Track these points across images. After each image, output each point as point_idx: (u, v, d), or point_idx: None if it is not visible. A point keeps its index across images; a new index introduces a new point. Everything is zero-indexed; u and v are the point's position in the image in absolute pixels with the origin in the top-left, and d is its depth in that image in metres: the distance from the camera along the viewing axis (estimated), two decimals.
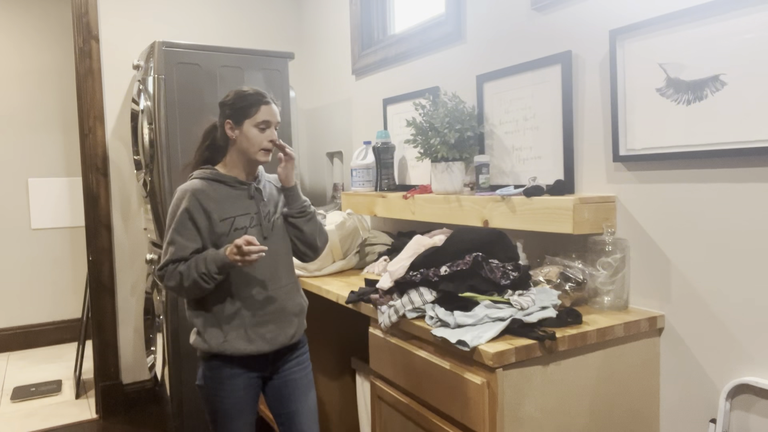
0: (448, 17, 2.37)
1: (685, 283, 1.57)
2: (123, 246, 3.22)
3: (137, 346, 3.28)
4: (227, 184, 1.71)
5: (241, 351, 1.67)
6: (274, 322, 1.72)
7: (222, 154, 1.76)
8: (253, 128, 1.67)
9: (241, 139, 1.68)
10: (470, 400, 1.41)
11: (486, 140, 2.19)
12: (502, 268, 1.62)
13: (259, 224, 1.72)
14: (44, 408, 3.34)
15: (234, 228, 1.68)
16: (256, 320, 1.70)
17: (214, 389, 1.70)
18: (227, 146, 1.74)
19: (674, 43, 1.53)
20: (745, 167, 1.41)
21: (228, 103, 1.69)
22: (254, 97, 1.68)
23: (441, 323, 1.53)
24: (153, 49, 2.64)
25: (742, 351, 1.45)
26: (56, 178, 4.59)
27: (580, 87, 1.82)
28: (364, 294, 1.88)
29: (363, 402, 2.26)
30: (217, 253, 1.61)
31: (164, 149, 2.61)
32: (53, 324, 4.60)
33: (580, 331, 1.47)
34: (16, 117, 4.46)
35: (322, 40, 3.49)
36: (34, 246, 4.53)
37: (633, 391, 1.58)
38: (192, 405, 2.70)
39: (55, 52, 4.54)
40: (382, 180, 2.63)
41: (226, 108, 1.70)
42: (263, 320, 1.71)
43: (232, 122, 1.68)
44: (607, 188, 1.76)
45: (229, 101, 1.70)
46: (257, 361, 1.73)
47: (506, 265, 1.64)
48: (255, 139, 1.68)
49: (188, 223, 1.65)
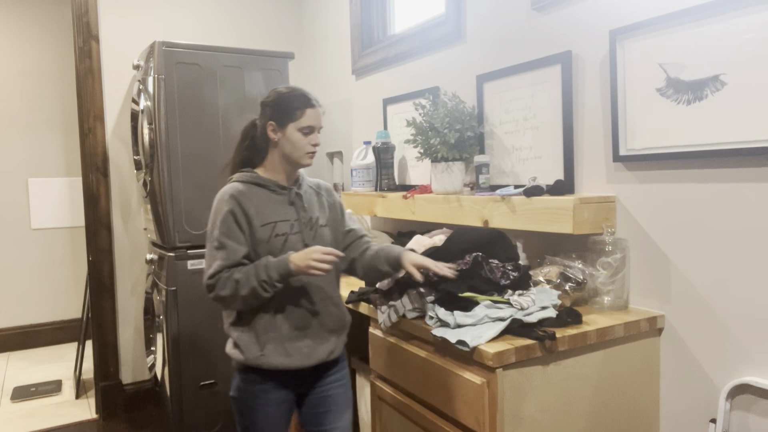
0: (448, 17, 2.37)
1: (685, 283, 1.57)
2: (123, 246, 3.22)
3: (137, 346, 3.28)
4: (268, 188, 1.62)
5: (277, 365, 1.58)
6: (312, 337, 1.62)
7: (262, 155, 1.67)
8: (297, 132, 1.59)
9: (284, 143, 1.60)
10: (470, 400, 1.41)
11: (486, 140, 2.19)
12: (502, 268, 1.63)
13: (300, 231, 1.62)
14: (44, 408, 3.33)
15: (275, 234, 1.59)
16: (295, 333, 1.60)
17: (248, 402, 1.62)
18: (267, 147, 1.65)
19: (674, 43, 1.53)
20: (746, 167, 1.41)
21: (271, 103, 1.61)
22: (300, 99, 1.60)
23: (441, 323, 1.53)
24: (153, 49, 2.64)
25: (742, 351, 1.44)
26: (56, 178, 4.59)
27: (580, 87, 1.82)
28: (364, 294, 1.88)
29: (363, 402, 2.26)
30: (280, 259, 1.53)
31: (164, 149, 2.61)
32: (53, 324, 4.59)
33: (580, 331, 1.47)
34: (16, 117, 4.45)
35: (322, 40, 3.49)
36: (34, 246, 4.53)
37: (633, 391, 1.58)
38: (192, 405, 2.70)
39: (55, 52, 4.54)
40: (382, 180, 2.64)
41: (268, 108, 1.61)
42: (302, 334, 1.61)
43: (275, 124, 1.60)
44: (607, 188, 1.76)
45: (271, 102, 1.61)
46: (294, 375, 1.63)
47: (506, 265, 1.65)
48: (299, 143, 1.60)
49: (234, 226, 1.55)
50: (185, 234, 2.66)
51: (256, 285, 1.50)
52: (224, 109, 2.75)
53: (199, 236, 2.70)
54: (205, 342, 2.72)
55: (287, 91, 1.62)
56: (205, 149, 2.71)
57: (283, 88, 1.64)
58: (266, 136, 1.63)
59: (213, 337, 2.73)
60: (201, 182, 2.69)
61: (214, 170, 2.72)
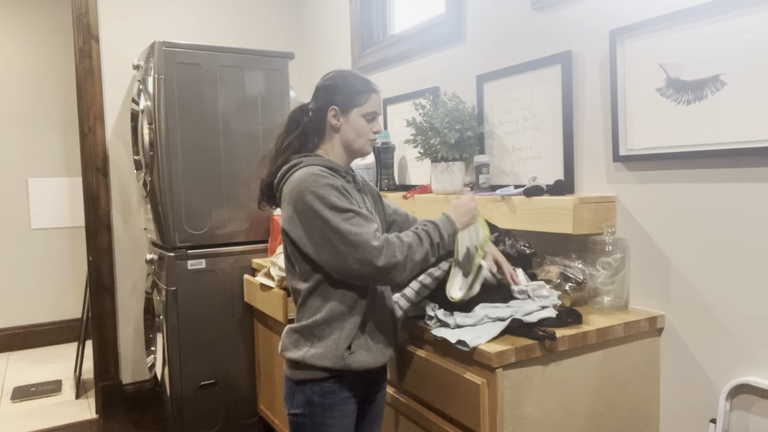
0: (448, 17, 2.37)
1: (685, 283, 1.57)
2: (123, 246, 3.22)
3: (137, 346, 3.28)
4: (340, 174, 1.48)
5: (366, 365, 1.44)
6: (384, 331, 1.51)
7: (313, 144, 1.54)
8: (361, 118, 1.50)
9: (346, 128, 1.50)
10: (470, 400, 1.41)
11: (486, 140, 2.19)
12: (517, 245, 1.70)
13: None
14: (44, 408, 3.33)
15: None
16: (372, 327, 1.48)
17: (322, 417, 1.43)
18: (323, 135, 1.53)
19: (674, 43, 1.53)
20: (745, 167, 1.41)
21: (332, 87, 1.50)
22: (365, 83, 1.51)
23: (441, 323, 1.53)
24: (153, 49, 2.64)
25: (742, 351, 1.44)
26: (56, 178, 4.59)
27: (580, 87, 1.82)
28: None
29: None
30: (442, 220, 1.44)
31: (164, 149, 2.61)
32: (53, 324, 4.60)
33: (580, 331, 1.47)
34: (16, 117, 4.46)
35: (322, 40, 3.49)
36: (34, 246, 4.53)
37: (633, 391, 1.58)
38: (192, 405, 2.70)
39: (55, 52, 4.54)
40: (382, 180, 2.64)
41: (330, 92, 1.50)
42: (378, 328, 1.49)
43: (338, 109, 1.49)
44: (607, 188, 1.76)
45: (332, 85, 1.50)
46: (368, 381, 1.53)
47: (520, 242, 1.71)
48: (363, 129, 1.51)
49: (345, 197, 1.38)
50: (185, 234, 2.66)
51: (429, 249, 1.39)
52: (224, 109, 2.75)
53: (199, 236, 2.70)
54: (205, 342, 2.72)
55: (350, 75, 1.52)
56: (205, 149, 2.71)
57: (344, 71, 1.54)
58: (323, 122, 1.52)
59: (213, 337, 2.74)
60: (201, 182, 2.69)
61: (215, 170, 2.73)
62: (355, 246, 1.33)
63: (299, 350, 1.44)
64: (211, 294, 2.73)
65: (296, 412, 1.45)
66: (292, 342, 1.46)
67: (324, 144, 1.54)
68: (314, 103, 1.54)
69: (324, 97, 1.51)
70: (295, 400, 1.46)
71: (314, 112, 1.53)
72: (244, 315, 2.82)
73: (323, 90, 1.52)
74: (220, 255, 2.75)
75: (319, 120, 1.52)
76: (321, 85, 1.54)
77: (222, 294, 2.76)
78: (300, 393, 1.45)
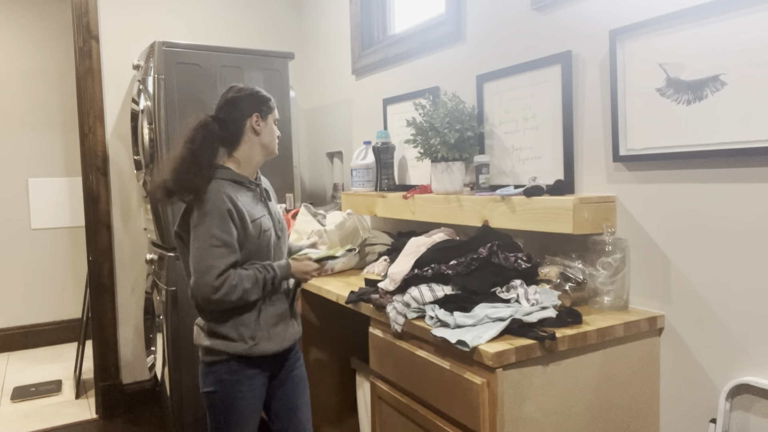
0: (448, 17, 2.37)
1: (685, 283, 1.57)
2: (123, 246, 3.22)
3: (137, 346, 3.28)
4: (245, 185, 1.70)
5: (266, 351, 1.69)
6: (284, 321, 1.77)
7: (227, 151, 1.72)
8: (272, 123, 1.76)
9: (265, 133, 1.73)
10: (470, 400, 1.41)
11: (486, 140, 2.19)
12: (513, 257, 1.69)
13: (272, 225, 1.74)
14: (44, 408, 3.34)
15: (262, 230, 1.67)
16: (274, 320, 1.73)
17: (231, 393, 1.68)
18: (238, 142, 1.71)
19: (674, 43, 1.53)
20: (745, 167, 1.41)
21: (251, 98, 1.71)
22: (268, 95, 1.77)
23: (441, 323, 1.53)
24: (153, 49, 2.64)
25: (742, 351, 1.44)
26: (56, 178, 4.59)
27: (580, 87, 1.82)
28: (364, 294, 1.88)
29: (363, 402, 2.26)
30: (282, 263, 1.70)
31: (164, 149, 2.61)
32: (53, 324, 4.60)
33: (580, 331, 1.47)
34: (16, 117, 4.46)
35: (322, 40, 3.49)
36: (34, 246, 4.53)
37: (633, 391, 1.58)
38: (192, 405, 2.70)
39: (55, 52, 4.54)
40: (382, 180, 2.63)
41: (251, 102, 1.70)
42: (278, 320, 1.74)
43: (260, 116, 1.71)
44: (607, 188, 1.76)
45: (250, 96, 1.71)
46: (272, 359, 1.76)
47: (518, 255, 1.70)
48: (274, 133, 1.76)
49: (231, 226, 1.60)
50: None
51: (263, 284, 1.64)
52: None
53: None
54: None
55: (258, 89, 1.75)
56: None
57: (249, 85, 1.76)
58: (242, 129, 1.70)
59: None
60: None
61: None
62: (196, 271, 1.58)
63: (208, 337, 1.68)
64: None
65: (208, 389, 1.69)
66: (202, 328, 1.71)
67: (239, 150, 1.71)
68: (230, 113, 1.70)
69: (249, 107, 1.70)
70: (207, 380, 1.70)
71: (234, 123, 1.70)
72: None
73: (244, 99, 1.70)
74: None
75: (238, 128, 1.70)
76: (238, 96, 1.71)
77: None
78: (210, 374, 1.69)
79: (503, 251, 1.70)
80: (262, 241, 1.66)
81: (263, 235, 1.67)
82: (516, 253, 1.72)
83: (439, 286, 1.66)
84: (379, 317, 1.77)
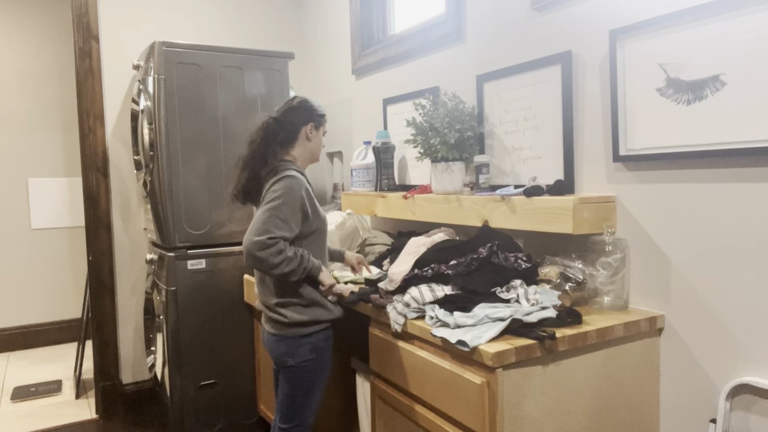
0: (448, 17, 2.37)
1: (685, 283, 1.57)
2: (123, 246, 3.22)
3: (137, 346, 3.28)
4: (308, 181, 1.91)
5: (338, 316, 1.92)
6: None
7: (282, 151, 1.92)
8: (322, 134, 1.99)
9: (315, 141, 1.97)
10: (470, 400, 1.41)
11: (486, 140, 2.19)
12: (513, 257, 1.69)
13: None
14: (44, 408, 3.34)
15: (324, 222, 1.93)
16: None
17: (325, 358, 1.88)
18: (293, 145, 1.93)
19: (674, 43, 1.53)
20: (745, 167, 1.41)
21: (309, 109, 1.94)
22: (324, 110, 2.00)
23: (441, 323, 1.53)
24: (153, 49, 2.64)
25: (742, 351, 1.45)
26: (56, 178, 4.59)
27: (580, 87, 1.82)
28: (364, 294, 1.88)
29: (363, 402, 2.26)
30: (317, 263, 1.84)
31: (164, 149, 2.61)
32: (53, 324, 4.60)
33: (580, 331, 1.47)
34: (16, 117, 4.46)
35: (322, 40, 3.49)
36: (34, 246, 4.53)
37: (633, 391, 1.58)
38: (192, 405, 2.70)
39: (55, 52, 4.54)
40: (382, 180, 2.63)
41: (309, 112, 1.93)
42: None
43: (314, 125, 1.95)
44: (607, 188, 1.76)
45: (309, 107, 1.94)
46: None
47: (518, 255, 1.71)
48: (321, 143, 2.00)
49: (299, 213, 1.80)
50: (185, 234, 2.67)
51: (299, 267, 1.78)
52: (224, 110, 2.75)
53: (199, 236, 2.70)
54: (205, 342, 2.72)
55: (317, 104, 1.98)
56: (205, 149, 2.71)
57: (310, 99, 1.98)
58: (297, 133, 1.93)
59: (213, 337, 2.74)
60: (201, 182, 2.69)
61: (215, 170, 2.73)
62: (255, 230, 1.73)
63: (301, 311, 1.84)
64: (211, 294, 2.73)
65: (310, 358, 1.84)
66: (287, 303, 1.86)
67: (293, 152, 1.94)
68: (289, 117, 1.92)
69: (305, 115, 1.93)
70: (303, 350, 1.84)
71: (292, 126, 1.92)
72: (244, 315, 2.82)
73: (302, 110, 1.94)
74: (220, 255, 2.75)
75: (291, 133, 1.92)
76: (298, 106, 1.94)
77: (222, 294, 2.76)
78: (306, 344, 1.84)
79: (503, 251, 1.71)
80: (322, 232, 1.90)
81: (323, 226, 1.91)
82: (516, 253, 1.72)
83: (439, 286, 1.67)
84: (379, 317, 1.77)
